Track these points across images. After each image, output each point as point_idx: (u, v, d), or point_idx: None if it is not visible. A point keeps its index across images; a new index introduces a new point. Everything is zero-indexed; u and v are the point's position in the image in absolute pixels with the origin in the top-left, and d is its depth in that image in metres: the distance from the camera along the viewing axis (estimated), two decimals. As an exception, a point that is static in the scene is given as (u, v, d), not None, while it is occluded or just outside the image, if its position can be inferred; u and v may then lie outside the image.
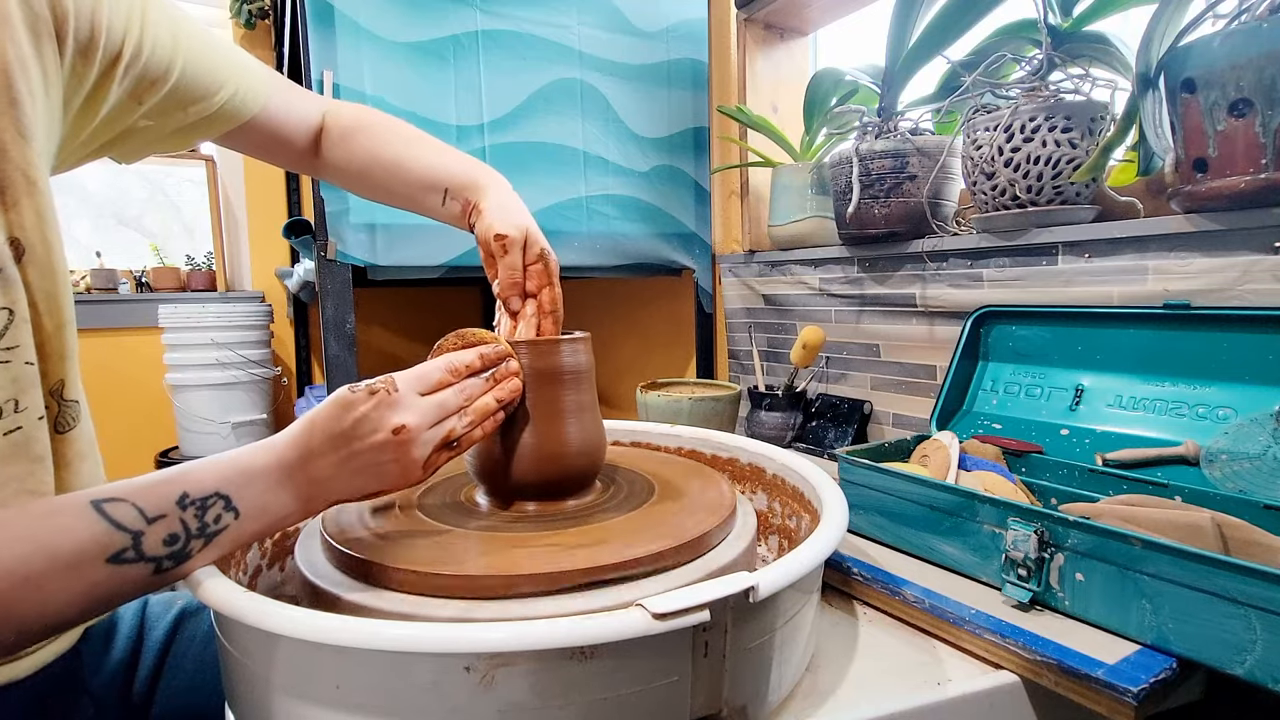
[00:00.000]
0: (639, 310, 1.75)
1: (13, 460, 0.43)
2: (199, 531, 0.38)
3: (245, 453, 0.41)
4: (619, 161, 1.25)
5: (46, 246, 0.46)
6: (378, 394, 0.43)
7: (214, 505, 0.38)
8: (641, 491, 0.54)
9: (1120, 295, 0.76)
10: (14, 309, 0.44)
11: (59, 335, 0.47)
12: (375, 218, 1.02)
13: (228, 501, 0.39)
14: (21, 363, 0.45)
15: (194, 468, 0.39)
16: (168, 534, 0.37)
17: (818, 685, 0.45)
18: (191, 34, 0.54)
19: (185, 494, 0.38)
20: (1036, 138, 0.79)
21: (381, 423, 0.42)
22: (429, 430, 0.44)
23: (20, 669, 0.51)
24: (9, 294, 0.43)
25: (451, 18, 1.08)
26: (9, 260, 0.43)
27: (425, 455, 0.44)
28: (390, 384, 0.43)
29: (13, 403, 0.44)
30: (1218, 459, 0.63)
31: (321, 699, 0.34)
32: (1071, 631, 0.49)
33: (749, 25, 1.34)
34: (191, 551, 0.38)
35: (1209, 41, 0.63)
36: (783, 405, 1.09)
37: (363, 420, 0.42)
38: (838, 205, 1.05)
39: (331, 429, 0.42)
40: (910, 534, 0.63)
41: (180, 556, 0.37)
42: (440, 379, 0.46)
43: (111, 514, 0.35)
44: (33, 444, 0.44)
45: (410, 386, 0.45)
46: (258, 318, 2.09)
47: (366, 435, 0.42)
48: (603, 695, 0.33)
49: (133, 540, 0.35)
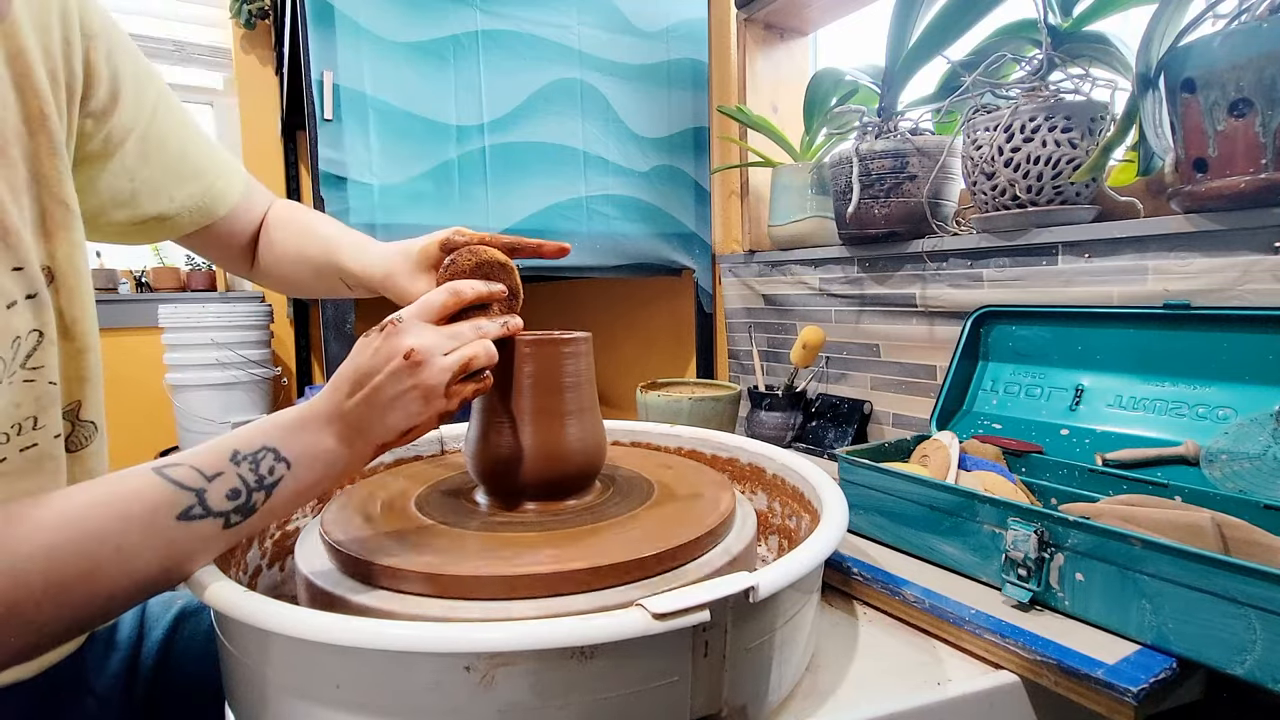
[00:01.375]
0: (639, 310, 1.75)
1: (28, 476, 0.44)
2: (258, 484, 0.39)
3: (283, 412, 0.43)
4: (619, 161, 1.25)
5: (77, 275, 0.49)
6: (386, 327, 0.44)
7: (265, 457, 0.40)
8: (641, 492, 0.54)
9: (1120, 295, 0.76)
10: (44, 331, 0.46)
11: (80, 359, 0.49)
12: (375, 218, 1.02)
13: (276, 453, 0.41)
14: (45, 382, 0.46)
15: (238, 432, 0.41)
16: (229, 489, 0.38)
17: (818, 685, 0.45)
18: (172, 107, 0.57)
19: (236, 451, 0.40)
20: (1036, 138, 0.79)
21: (393, 350, 0.43)
22: (444, 356, 0.45)
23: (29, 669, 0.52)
24: (40, 317, 0.45)
25: (451, 18, 1.08)
26: (43, 285, 0.45)
27: (445, 381, 0.44)
28: (397, 317, 0.45)
29: (32, 420, 0.46)
30: (1218, 459, 0.63)
31: (321, 699, 0.34)
32: (1071, 631, 0.49)
33: (749, 25, 1.34)
34: (255, 504, 0.39)
35: (1209, 41, 0.63)
36: (783, 405, 1.09)
37: (376, 353, 0.43)
38: (838, 205, 1.05)
39: (353, 372, 0.44)
40: (910, 534, 0.63)
41: (246, 510, 0.39)
42: (444, 302, 0.47)
43: (173, 475, 0.38)
44: (46, 461, 0.46)
45: (415, 315, 0.46)
46: (258, 318, 2.09)
47: (382, 367, 0.43)
48: (603, 695, 0.33)
49: (197, 497, 0.38)
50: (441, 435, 0.71)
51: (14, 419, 0.44)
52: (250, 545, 0.54)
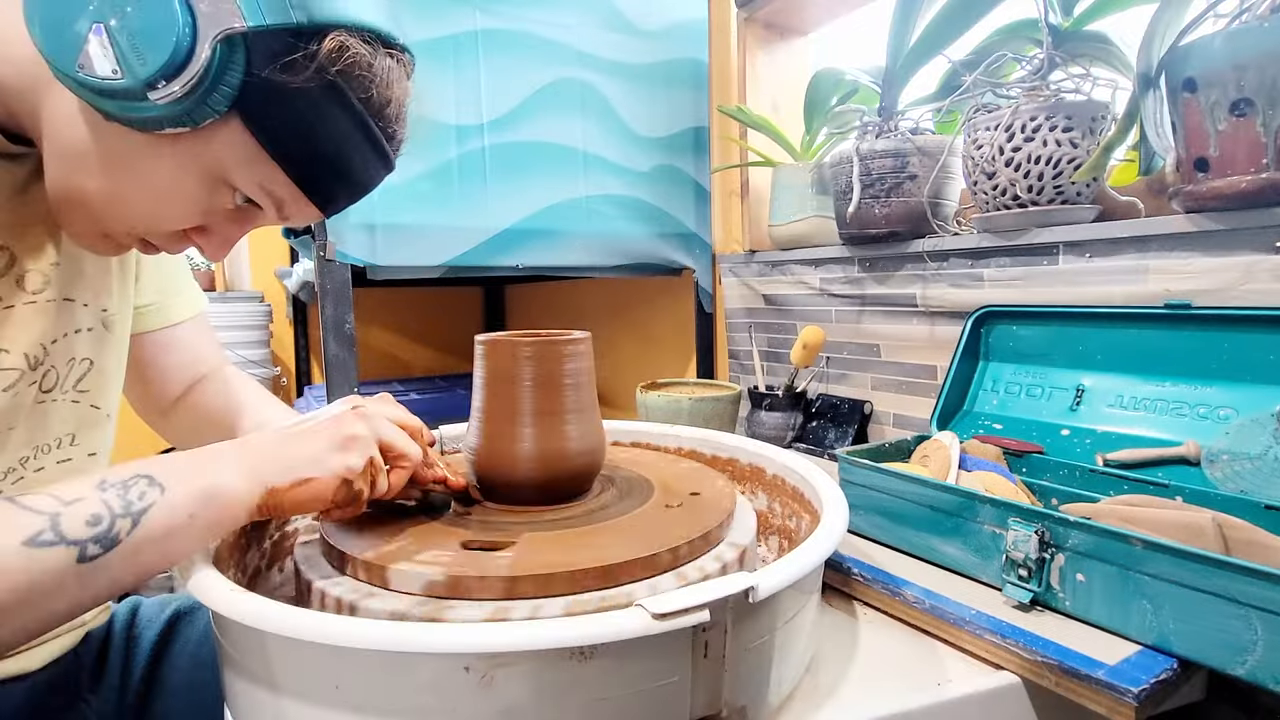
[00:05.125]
0: (639, 310, 1.75)
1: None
2: (124, 510, 0.35)
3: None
4: (619, 161, 1.25)
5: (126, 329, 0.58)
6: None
7: (136, 484, 0.36)
8: (641, 492, 0.54)
9: (1121, 295, 0.76)
10: (95, 361, 0.54)
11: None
12: (374, 218, 1.02)
13: (150, 479, 0.36)
14: (88, 405, 0.54)
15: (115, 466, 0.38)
16: (89, 514, 0.34)
17: (818, 685, 0.45)
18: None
19: (104, 479, 0.36)
20: (1037, 137, 0.79)
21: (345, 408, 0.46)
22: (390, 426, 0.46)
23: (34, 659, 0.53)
24: (95, 349, 0.54)
25: (451, 17, 1.08)
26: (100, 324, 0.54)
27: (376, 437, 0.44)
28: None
29: (70, 436, 0.53)
30: (1219, 459, 0.63)
31: (321, 699, 0.34)
32: (1072, 632, 0.49)
33: (749, 25, 1.34)
34: (118, 535, 0.34)
35: (1210, 41, 0.63)
36: (783, 405, 1.09)
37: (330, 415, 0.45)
38: (838, 205, 1.05)
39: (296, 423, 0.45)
40: (911, 534, 0.63)
41: (107, 541, 0.34)
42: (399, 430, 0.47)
43: (25, 501, 0.33)
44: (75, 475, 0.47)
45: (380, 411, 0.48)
46: (257, 318, 2.09)
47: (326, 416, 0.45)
48: (602, 696, 0.33)
49: (50, 521, 0.33)
50: (440, 435, 0.71)
51: (57, 434, 0.51)
52: (250, 547, 0.54)
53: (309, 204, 0.45)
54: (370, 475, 0.43)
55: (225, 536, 0.48)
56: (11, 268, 0.47)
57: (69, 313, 0.51)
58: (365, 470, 0.43)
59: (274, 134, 0.40)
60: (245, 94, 0.38)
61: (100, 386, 0.55)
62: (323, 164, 0.43)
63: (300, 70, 0.38)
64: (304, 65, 0.38)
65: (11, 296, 0.47)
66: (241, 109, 0.39)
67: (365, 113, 0.42)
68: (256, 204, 0.45)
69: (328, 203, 0.46)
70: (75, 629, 0.58)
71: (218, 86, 0.37)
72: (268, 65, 0.38)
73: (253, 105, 0.39)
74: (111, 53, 0.35)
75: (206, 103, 0.38)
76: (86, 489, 0.35)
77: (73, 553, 0.33)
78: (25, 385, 0.48)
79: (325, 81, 0.40)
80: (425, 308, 2.50)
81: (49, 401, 0.50)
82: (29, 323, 0.47)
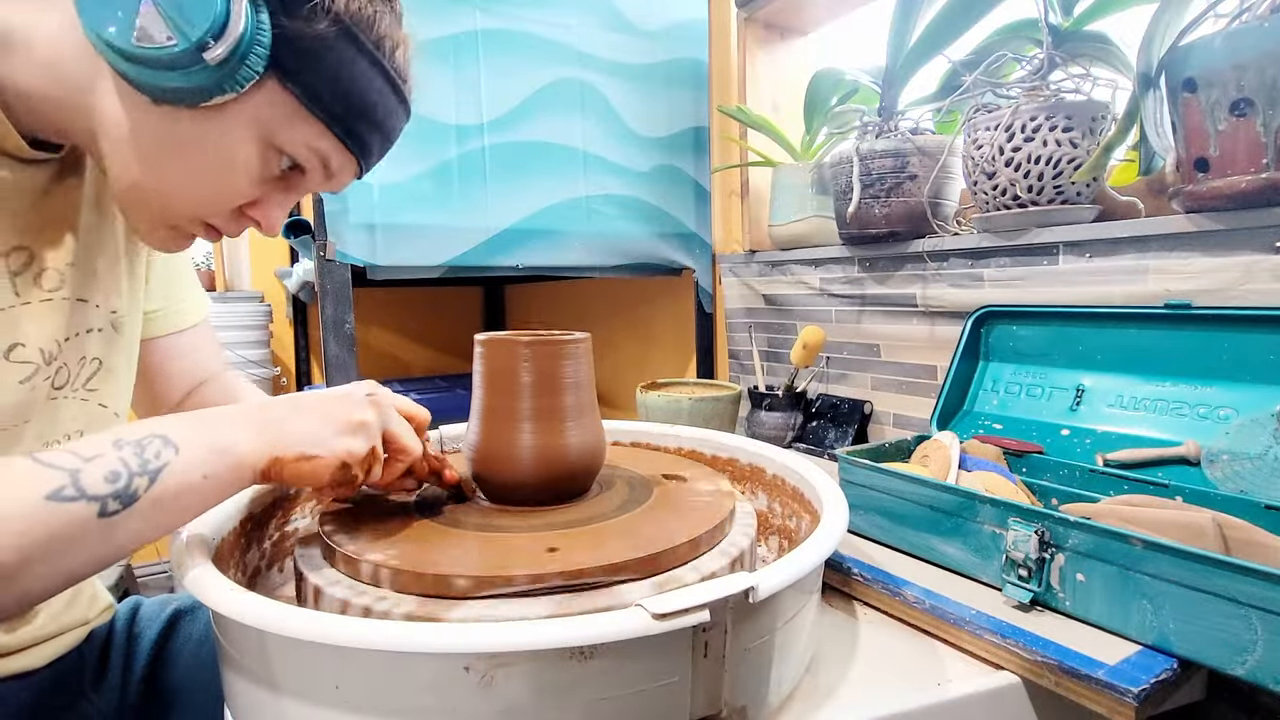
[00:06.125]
0: (639, 310, 1.75)
1: None
2: (141, 468, 0.35)
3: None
4: (619, 161, 1.25)
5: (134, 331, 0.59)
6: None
7: (151, 443, 0.37)
8: (641, 492, 0.54)
9: (1121, 295, 0.76)
10: (104, 361, 0.55)
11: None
12: (374, 218, 1.02)
13: (165, 439, 0.37)
14: (96, 404, 0.55)
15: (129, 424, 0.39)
16: (108, 470, 0.34)
17: (818, 686, 0.45)
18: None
19: (120, 438, 0.36)
20: (1037, 137, 0.79)
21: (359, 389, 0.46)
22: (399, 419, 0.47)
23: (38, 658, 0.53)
24: (104, 349, 0.55)
25: (451, 17, 1.08)
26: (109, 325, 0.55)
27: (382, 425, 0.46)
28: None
29: (80, 433, 0.53)
30: (1219, 459, 0.63)
31: (321, 699, 0.34)
32: (1072, 632, 0.49)
33: (749, 25, 1.34)
34: (137, 491, 0.35)
35: (1210, 41, 0.63)
36: (783, 405, 1.09)
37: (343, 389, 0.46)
38: (838, 205, 1.05)
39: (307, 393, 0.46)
40: (911, 534, 0.63)
41: (126, 497, 0.35)
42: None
43: (45, 459, 0.34)
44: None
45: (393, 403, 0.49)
46: (257, 317, 2.09)
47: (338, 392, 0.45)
48: (602, 696, 0.33)
49: (70, 477, 0.34)
50: (441, 435, 0.71)
51: (67, 430, 0.52)
52: (250, 547, 0.54)
53: (348, 154, 0.48)
54: (369, 463, 0.44)
55: (225, 537, 0.48)
56: (30, 265, 0.48)
57: (81, 312, 0.52)
58: (366, 457, 0.44)
59: (308, 86, 0.44)
60: (277, 49, 0.42)
61: (109, 386, 0.56)
62: (355, 111, 0.46)
63: (319, 18, 0.42)
64: (322, 13, 0.42)
65: (29, 293, 0.48)
66: (276, 67, 0.42)
67: (378, 55, 0.46)
68: (301, 169, 0.48)
69: (364, 152, 0.49)
70: (79, 627, 0.58)
71: (254, 46, 0.40)
72: (290, 16, 0.41)
73: (286, 60, 0.42)
74: (163, 21, 0.38)
75: (246, 62, 0.41)
76: (104, 446, 0.36)
77: (94, 508, 0.34)
78: (40, 380, 0.49)
79: (341, 27, 0.43)
80: (425, 308, 2.50)
81: (60, 398, 0.51)
82: (44, 319, 0.49)
